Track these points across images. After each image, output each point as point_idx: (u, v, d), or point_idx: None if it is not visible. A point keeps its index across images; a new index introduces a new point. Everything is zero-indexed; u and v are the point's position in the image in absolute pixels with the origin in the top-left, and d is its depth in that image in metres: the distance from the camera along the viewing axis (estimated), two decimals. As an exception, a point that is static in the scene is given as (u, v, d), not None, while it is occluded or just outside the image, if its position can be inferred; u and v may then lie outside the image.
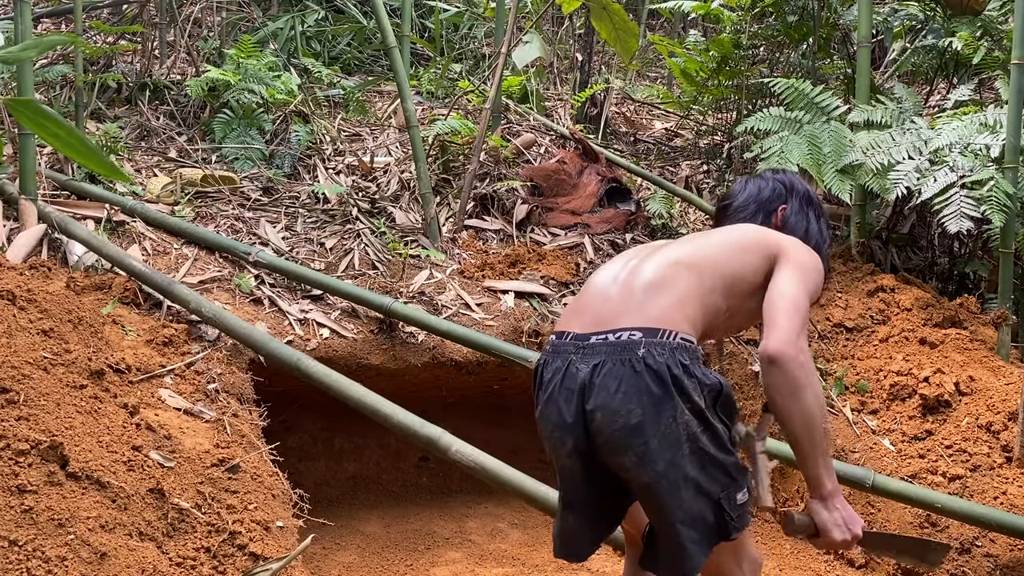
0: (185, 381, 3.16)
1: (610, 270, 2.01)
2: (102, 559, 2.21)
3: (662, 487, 1.77)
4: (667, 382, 1.76)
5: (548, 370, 1.89)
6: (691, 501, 1.79)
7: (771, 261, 1.97)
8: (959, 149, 3.79)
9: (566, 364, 1.85)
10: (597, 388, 1.79)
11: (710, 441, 1.79)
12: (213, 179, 4.34)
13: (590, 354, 1.82)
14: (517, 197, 4.71)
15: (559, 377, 1.85)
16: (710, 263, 1.94)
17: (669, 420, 1.75)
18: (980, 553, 3.10)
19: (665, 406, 1.76)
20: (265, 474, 2.88)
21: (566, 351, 1.87)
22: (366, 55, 6.27)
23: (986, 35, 4.45)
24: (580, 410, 1.82)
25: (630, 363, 1.77)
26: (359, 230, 4.29)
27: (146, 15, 5.61)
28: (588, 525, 1.97)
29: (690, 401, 1.77)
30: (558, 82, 6.34)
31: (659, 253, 1.99)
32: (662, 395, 1.76)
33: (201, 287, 3.70)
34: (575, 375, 1.82)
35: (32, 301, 2.96)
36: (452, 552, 3.74)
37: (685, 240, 2.08)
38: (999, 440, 3.32)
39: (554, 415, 1.86)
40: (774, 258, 1.97)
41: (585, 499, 1.94)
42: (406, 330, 3.82)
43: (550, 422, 1.87)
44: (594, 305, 1.93)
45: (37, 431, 2.41)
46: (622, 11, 4.76)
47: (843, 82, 5.07)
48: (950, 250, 4.82)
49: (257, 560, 2.46)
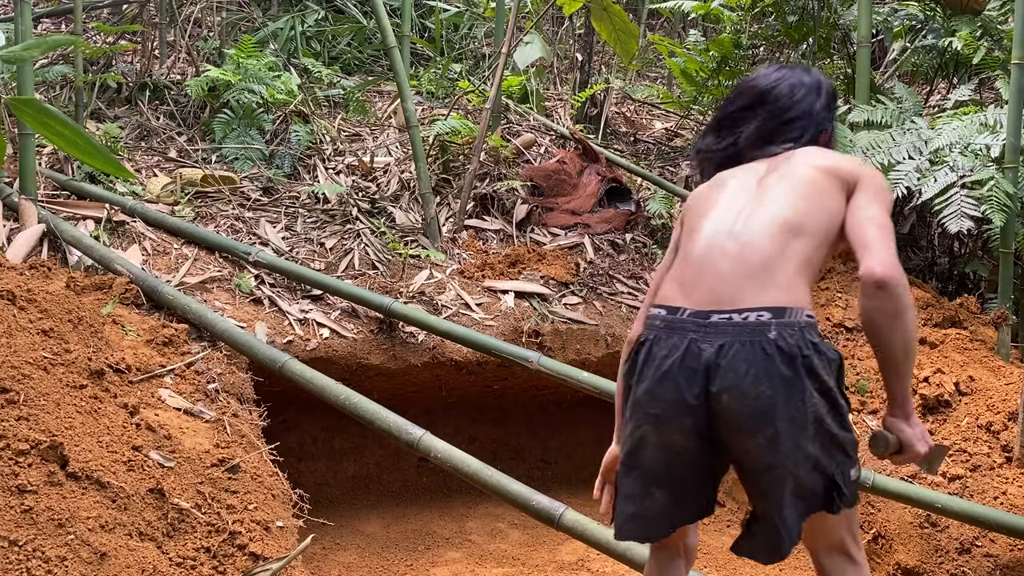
0: (185, 381, 3.16)
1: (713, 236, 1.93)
2: (102, 559, 2.21)
3: (784, 468, 1.78)
4: (798, 364, 1.76)
5: (661, 346, 1.84)
6: (806, 477, 1.79)
7: (849, 192, 1.95)
8: (959, 149, 3.79)
9: (685, 342, 1.81)
10: (724, 370, 1.77)
11: (833, 420, 1.80)
12: (213, 179, 4.34)
13: (713, 334, 1.79)
14: (517, 197, 4.71)
15: (677, 355, 1.81)
16: (812, 222, 1.91)
17: (798, 403, 1.76)
18: (980, 553, 3.10)
19: (795, 389, 1.76)
20: (265, 474, 2.88)
21: (684, 329, 1.82)
22: (366, 55, 6.27)
23: (986, 35, 4.45)
24: (704, 391, 1.78)
25: (760, 345, 1.76)
26: (359, 230, 4.29)
27: (146, 15, 5.60)
28: (678, 505, 1.92)
29: (819, 381, 1.77)
30: (558, 82, 6.34)
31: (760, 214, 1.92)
32: (792, 377, 1.75)
33: (201, 287, 3.70)
34: (698, 355, 1.79)
35: (32, 301, 2.96)
36: (452, 552, 3.74)
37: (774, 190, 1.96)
38: (999, 440, 3.32)
39: (670, 394, 1.81)
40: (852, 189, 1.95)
41: (685, 478, 1.90)
42: (406, 330, 3.82)
43: (664, 400, 1.82)
44: (708, 280, 1.87)
45: (37, 431, 2.41)
46: (622, 12, 4.77)
47: (843, 82, 5.07)
48: (950, 250, 4.82)
49: (257, 560, 2.46)
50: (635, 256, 4.57)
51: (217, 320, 3.38)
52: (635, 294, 4.32)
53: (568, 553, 3.72)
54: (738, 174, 2.07)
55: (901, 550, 3.29)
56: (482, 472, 2.71)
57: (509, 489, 2.66)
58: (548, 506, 2.57)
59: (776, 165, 2.04)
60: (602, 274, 4.37)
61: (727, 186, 2.04)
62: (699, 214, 2.02)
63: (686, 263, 1.95)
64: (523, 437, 4.67)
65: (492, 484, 2.68)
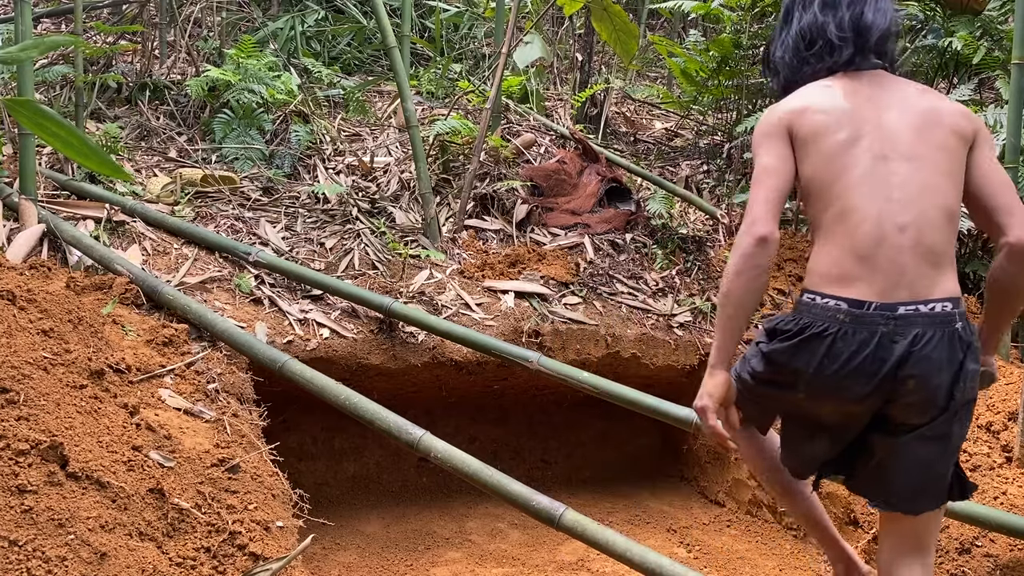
0: (185, 381, 3.16)
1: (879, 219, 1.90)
2: (102, 559, 2.21)
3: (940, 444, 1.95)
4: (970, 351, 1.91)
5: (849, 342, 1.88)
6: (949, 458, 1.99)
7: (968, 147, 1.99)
8: (959, 149, 3.79)
9: (875, 336, 1.87)
10: (915, 358, 1.86)
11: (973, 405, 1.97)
12: (213, 179, 4.34)
13: (904, 325, 1.86)
14: (517, 197, 4.71)
15: (869, 351, 1.87)
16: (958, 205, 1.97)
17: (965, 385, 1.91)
18: (980, 553, 3.10)
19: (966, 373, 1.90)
20: (265, 474, 2.88)
21: (873, 323, 1.87)
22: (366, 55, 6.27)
23: (986, 35, 4.45)
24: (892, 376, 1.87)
25: (948, 335, 1.88)
26: (359, 230, 4.29)
27: (146, 15, 5.61)
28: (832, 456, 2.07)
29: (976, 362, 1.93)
30: (558, 82, 6.34)
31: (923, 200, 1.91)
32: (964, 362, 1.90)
33: (201, 287, 3.70)
34: (890, 347, 1.86)
35: (32, 301, 2.96)
36: (452, 552, 3.74)
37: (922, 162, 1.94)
38: (999, 440, 3.32)
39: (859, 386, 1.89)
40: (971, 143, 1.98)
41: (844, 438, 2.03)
42: (406, 330, 3.82)
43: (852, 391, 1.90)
44: (887, 269, 1.88)
45: (37, 431, 2.41)
46: (623, 12, 4.76)
47: (843, 82, 5.07)
48: (950, 250, 4.81)
49: (257, 560, 2.46)
50: (635, 256, 4.57)
51: (217, 320, 3.38)
52: (635, 294, 4.32)
53: (568, 553, 3.72)
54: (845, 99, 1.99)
55: (901, 550, 3.29)
56: (482, 472, 2.71)
57: (509, 489, 2.65)
58: (548, 506, 2.57)
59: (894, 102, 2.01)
60: (602, 274, 4.37)
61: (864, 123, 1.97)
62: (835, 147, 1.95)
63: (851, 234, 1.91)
64: (523, 437, 4.67)
65: (492, 484, 2.68)
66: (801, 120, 1.98)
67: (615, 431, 4.73)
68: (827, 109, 1.98)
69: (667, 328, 4.19)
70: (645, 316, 4.20)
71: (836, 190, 1.93)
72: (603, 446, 4.78)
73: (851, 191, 1.91)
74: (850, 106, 1.99)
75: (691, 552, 3.80)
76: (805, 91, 2.05)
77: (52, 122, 1.26)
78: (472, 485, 2.78)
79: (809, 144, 1.96)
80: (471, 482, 2.75)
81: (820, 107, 1.98)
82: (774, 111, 2.02)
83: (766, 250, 1.90)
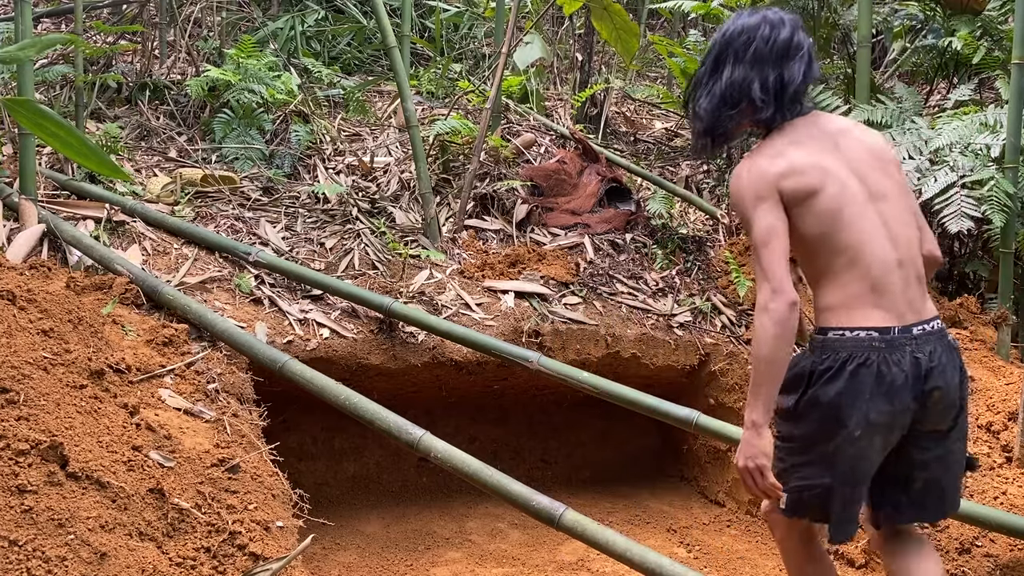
0: (185, 381, 3.16)
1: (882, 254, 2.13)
2: (102, 559, 2.21)
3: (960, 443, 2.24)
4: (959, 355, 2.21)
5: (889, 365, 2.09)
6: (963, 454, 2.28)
7: None
8: (959, 149, 3.79)
9: (907, 356, 2.11)
10: (936, 370, 2.12)
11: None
12: (213, 179, 4.34)
13: (922, 343, 2.12)
14: (517, 197, 4.71)
15: (907, 368, 2.10)
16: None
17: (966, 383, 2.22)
18: (980, 553, 3.10)
19: (964, 373, 2.22)
20: (265, 474, 2.88)
21: (902, 345, 2.10)
22: (366, 55, 6.27)
23: (986, 35, 4.45)
24: (922, 390, 2.11)
25: (946, 345, 2.17)
26: (359, 230, 4.29)
27: (146, 15, 5.60)
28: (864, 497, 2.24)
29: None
30: (558, 82, 6.34)
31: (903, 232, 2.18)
32: (962, 365, 2.20)
33: (201, 287, 3.70)
34: (917, 363, 2.10)
35: (32, 301, 2.96)
36: (452, 552, 3.74)
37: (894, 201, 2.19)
38: (999, 440, 3.32)
39: (900, 403, 2.10)
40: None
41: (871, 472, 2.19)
42: (406, 330, 3.82)
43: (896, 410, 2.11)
44: (893, 297, 2.12)
45: (37, 431, 2.41)
46: (623, 12, 4.76)
47: (843, 82, 5.07)
48: (950, 250, 4.81)
49: (257, 560, 2.46)
50: (635, 256, 4.57)
51: (217, 320, 3.38)
52: (635, 294, 4.32)
53: (568, 553, 3.72)
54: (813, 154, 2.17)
55: (901, 550, 3.29)
56: (482, 472, 2.71)
57: (509, 489, 2.65)
58: (548, 506, 2.57)
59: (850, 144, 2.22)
60: (602, 274, 4.37)
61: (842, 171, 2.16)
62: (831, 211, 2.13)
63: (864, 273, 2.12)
64: (523, 437, 4.67)
65: (492, 484, 2.68)
66: (789, 183, 2.13)
67: (615, 431, 4.73)
68: (807, 169, 2.14)
69: (667, 328, 4.19)
70: (645, 316, 4.20)
71: (843, 239, 2.12)
72: (603, 446, 4.78)
73: (858, 237, 2.12)
74: (822, 160, 2.16)
75: (691, 552, 3.80)
76: (782, 152, 2.18)
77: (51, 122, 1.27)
78: (472, 485, 2.78)
79: (803, 205, 2.12)
80: (471, 482, 2.75)
81: (801, 168, 2.14)
82: (762, 173, 2.14)
83: (796, 312, 2.07)
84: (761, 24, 2.22)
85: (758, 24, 2.22)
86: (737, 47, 2.22)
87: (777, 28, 2.21)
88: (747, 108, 2.21)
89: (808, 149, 2.17)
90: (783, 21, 2.23)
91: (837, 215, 2.12)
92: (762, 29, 2.21)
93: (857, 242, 2.11)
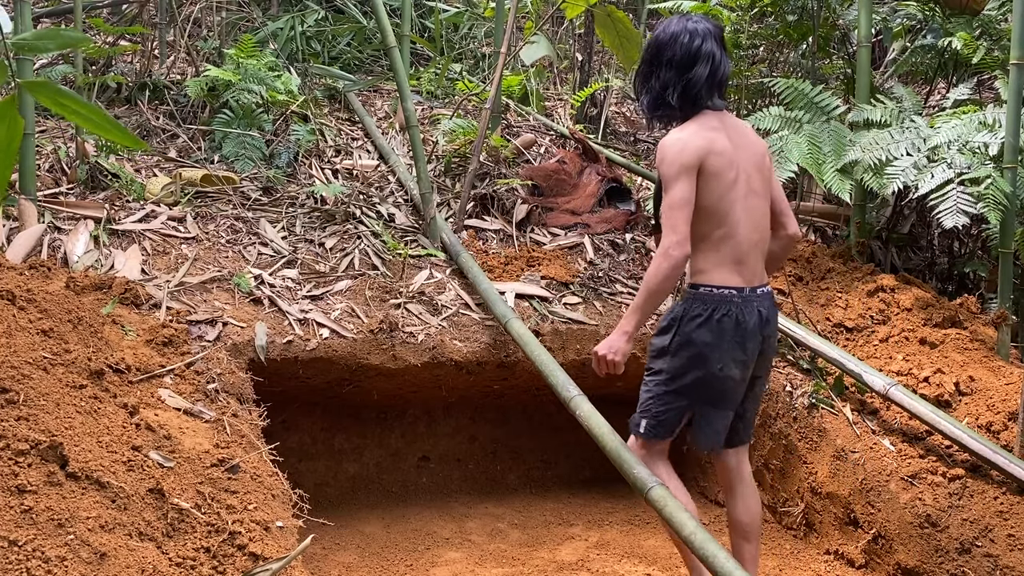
0: (185, 381, 3.16)
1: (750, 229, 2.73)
2: (102, 559, 2.21)
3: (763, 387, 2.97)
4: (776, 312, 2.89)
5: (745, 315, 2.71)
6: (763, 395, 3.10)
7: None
8: (957, 147, 3.79)
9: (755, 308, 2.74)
10: (771, 322, 2.80)
11: None
12: (216, 179, 4.34)
13: (761, 299, 2.76)
14: (517, 197, 4.71)
15: (755, 319, 2.73)
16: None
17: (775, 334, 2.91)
18: (980, 553, 3.10)
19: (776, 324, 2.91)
20: (265, 474, 2.88)
21: (751, 300, 2.73)
22: (366, 55, 6.26)
23: (985, 35, 4.45)
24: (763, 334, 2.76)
25: (774, 303, 2.85)
26: (359, 230, 4.29)
27: (146, 15, 5.60)
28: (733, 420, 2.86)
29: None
30: (558, 82, 6.34)
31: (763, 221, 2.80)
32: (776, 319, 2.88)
33: (201, 287, 3.70)
34: (761, 314, 2.75)
35: (32, 301, 2.96)
36: (452, 552, 3.74)
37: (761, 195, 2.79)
38: (999, 440, 3.32)
39: (752, 344, 2.74)
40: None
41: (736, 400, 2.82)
42: (406, 330, 3.82)
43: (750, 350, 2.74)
44: (750, 268, 2.75)
45: (37, 431, 2.41)
46: (626, 19, 4.77)
47: (843, 82, 5.07)
48: (950, 250, 4.82)
49: (257, 560, 2.46)
50: (635, 256, 4.57)
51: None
52: (635, 294, 4.31)
53: (568, 553, 3.72)
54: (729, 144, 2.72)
55: (901, 550, 3.29)
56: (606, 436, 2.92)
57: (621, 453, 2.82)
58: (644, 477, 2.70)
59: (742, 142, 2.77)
60: (602, 274, 4.37)
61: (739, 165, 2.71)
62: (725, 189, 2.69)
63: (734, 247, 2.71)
64: (523, 437, 4.67)
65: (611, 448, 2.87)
66: (709, 160, 2.66)
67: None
68: (722, 152, 2.68)
69: (667, 328, 4.18)
70: (645, 316, 4.20)
71: (724, 216, 2.69)
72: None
73: (734, 219, 2.70)
74: (731, 149, 2.71)
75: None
76: (706, 133, 2.69)
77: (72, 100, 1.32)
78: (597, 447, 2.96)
79: (711, 181, 2.66)
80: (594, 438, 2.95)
81: (719, 150, 2.68)
82: (688, 146, 2.65)
83: (686, 263, 2.65)
84: (682, 33, 2.73)
85: (679, 33, 2.74)
86: (665, 52, 2.75)
87: (693, 37, 2.71)
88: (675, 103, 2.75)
89: (723, 138, 2.70)
90: (697, 32, 2.72)
91: (727, 196, 2.68)
92: (682, 37, 2.73)
93: (734, 222, 2.69)
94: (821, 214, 4.87)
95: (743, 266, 2.73)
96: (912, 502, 3.28)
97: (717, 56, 2.72)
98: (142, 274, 3.69)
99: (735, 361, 2.71)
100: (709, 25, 2.76)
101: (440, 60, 6.10)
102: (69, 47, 3.02)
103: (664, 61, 2.75)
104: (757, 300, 2.75)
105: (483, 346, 3.89)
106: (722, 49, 2.75)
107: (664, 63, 2.75)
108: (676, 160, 2.63)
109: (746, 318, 2.71)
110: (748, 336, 2.71)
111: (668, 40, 2.76)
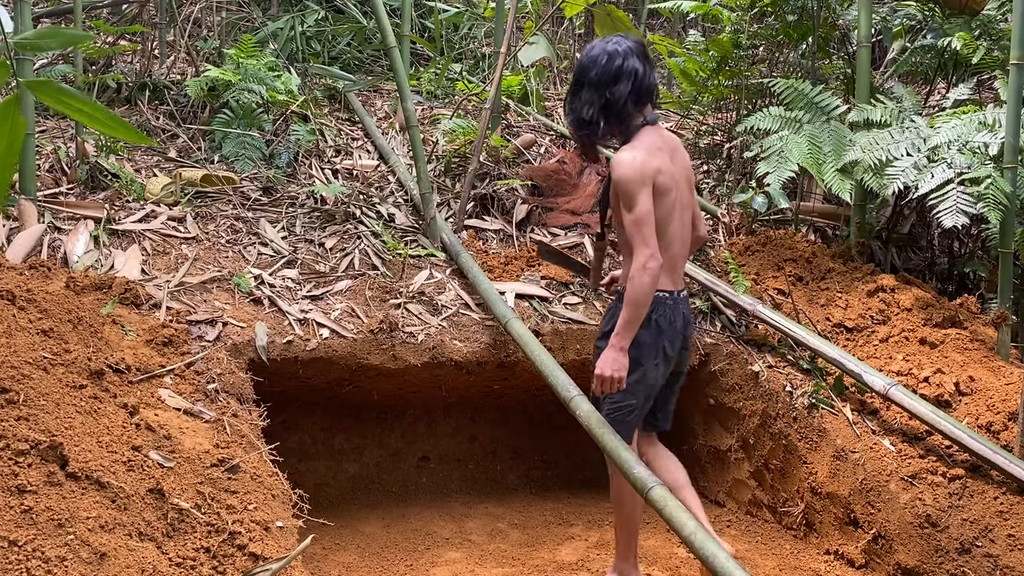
0: (185, 381, 3.16)
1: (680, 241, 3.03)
2: (102, 559, 2.21)
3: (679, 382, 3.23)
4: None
5: (674, 316, 3.01)
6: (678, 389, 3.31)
7: None
8: (958, 147, 3.79)
9: (679, 311, 3.02)
10: (688, 321, 3.10)
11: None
12: (215, 179, 4.34)
13: (684, 302, 3.06)
14: (517, 197, 4.71)
15: (681, 320, 3.03)
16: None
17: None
18: (980, 553, 3.10)
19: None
20: (265, 474, 2.88)
21: (677, 303, 3.02)
22: (366, 55, 6.26)
23: (985, 35, 4.45)
24: (684, 336, 3.07)
25: (689, 305, 3.14)
26: (359, 230, 4.29)
27: (146, 15, 5.60)
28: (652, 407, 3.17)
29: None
30: (558, 82, 6.34)
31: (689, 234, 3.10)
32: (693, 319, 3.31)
33: (201, 287, 3.70)
34: (684, 316, 3.06)
35: (32, 301, 2.96)
36: (452, 552, 3.74)
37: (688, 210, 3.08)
38: (999, 440, 3.32)
39: (678, 342, 3.03)
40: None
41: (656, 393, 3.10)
42: (406, 330, 3.81)
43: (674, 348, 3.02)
44: (678, 274, 3.06)
45: (37, 431, 2.41)
46: (627, 19, 4.78)
47: (843, 82, 5.07)
48: (950, 250, 4.81)
49: (257, 560, 2.46)
50: (635, 256, 4.57)
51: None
52: (635, 294, 4.31)
53: (568, 553, 3.72)
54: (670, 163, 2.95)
55: (901, 550, 3.29)
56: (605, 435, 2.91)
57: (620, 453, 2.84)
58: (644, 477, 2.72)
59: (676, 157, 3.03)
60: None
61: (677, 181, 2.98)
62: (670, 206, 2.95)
63: (671, 256, 2.98)
64: (523, 437, 4.67)
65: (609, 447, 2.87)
66: (658, 180, 2.87)
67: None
68: (666, 171, 2.91)
69: (667, 328, 4.18)
70: (645, 316, 4.20)
71: (665, 229, 2.92)
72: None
73: (672, 231, 2.97)
74: (671, 167, 2.94)
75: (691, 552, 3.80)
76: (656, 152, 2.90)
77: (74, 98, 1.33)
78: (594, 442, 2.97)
79: (658, 198, 2.87)
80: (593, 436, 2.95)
81: (665, 170, 2.90)
82: (648, 165, 2.85)
83: (661, 272, 2.86)
84: (600, 55, 2.88)
85: (599, 56, 2.89)
86: (586, 74, 2.91)
87: (613, 58, 2.86)
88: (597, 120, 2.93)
89: (666, 158, 2.93)
90: (617, 52, 2.87)
91: (670, 211, 2.93)
92: (600, 59, 2.88)
93: (672, 233, 2.96)
94: (821, 214, 4.87)
95: (675, 272, 3.04)
96: (912, 502, 3.28)
97: (640, 71, 2.88)
98: (142, 274, 3.69)
99: (665, 358, 3.01)
100: (630, 43, 2.92)
101: (440, 60, 6.10)
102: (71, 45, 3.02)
103: (586, 82, 2.92)
104: (682, 303, 3.06)
105: (483, 346, 3.89)
106: (646, 64, 2.92)
107: (586, 84, 2.92)
108: (637, 176, 2.82)
109: (675, 319, 3.01)
110: (676, 335, 3.01)
111: (588, 63, 2.92)
